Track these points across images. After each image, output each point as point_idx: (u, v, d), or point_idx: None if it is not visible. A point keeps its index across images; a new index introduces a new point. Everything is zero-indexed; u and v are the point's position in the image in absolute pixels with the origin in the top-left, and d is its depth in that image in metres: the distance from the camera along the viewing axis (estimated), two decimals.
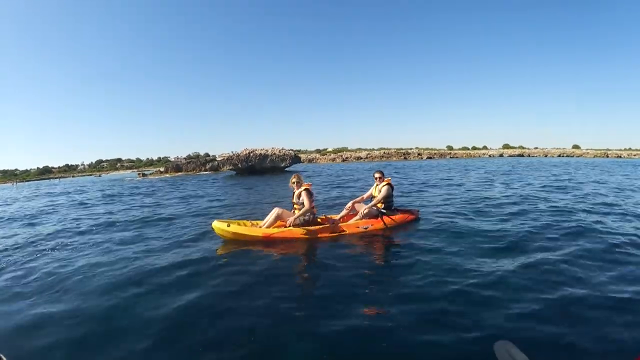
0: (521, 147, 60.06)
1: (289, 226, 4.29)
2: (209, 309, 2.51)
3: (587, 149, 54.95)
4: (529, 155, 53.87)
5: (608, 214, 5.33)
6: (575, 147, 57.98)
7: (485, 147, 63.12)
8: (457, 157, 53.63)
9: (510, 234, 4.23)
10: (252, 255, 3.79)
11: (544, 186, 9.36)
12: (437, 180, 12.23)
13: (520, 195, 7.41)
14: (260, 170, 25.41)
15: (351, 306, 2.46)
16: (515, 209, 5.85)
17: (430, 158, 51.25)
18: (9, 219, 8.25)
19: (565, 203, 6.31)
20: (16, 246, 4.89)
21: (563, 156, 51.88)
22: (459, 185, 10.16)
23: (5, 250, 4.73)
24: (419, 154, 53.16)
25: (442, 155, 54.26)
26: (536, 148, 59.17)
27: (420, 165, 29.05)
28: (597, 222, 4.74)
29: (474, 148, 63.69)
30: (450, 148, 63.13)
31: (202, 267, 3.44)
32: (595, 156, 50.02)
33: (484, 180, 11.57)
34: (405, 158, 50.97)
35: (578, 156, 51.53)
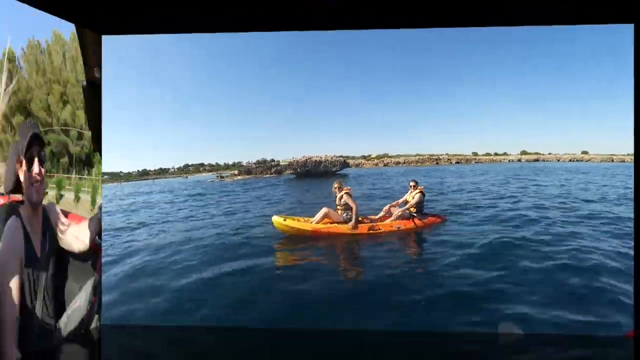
0: (537, 153, 66.75)
1: (352, 228, 5.15)
2: (265, 282, 3.50)
3: (594, 154, 61.05)
4: (544, 160, 60.57)
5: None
6: (584, 152, 63.99)
7: (505, 153, 69.38)
8: (481, 162, 61.39)
9: (521, 236, 4.86)
10: (302, 245, 4.80)
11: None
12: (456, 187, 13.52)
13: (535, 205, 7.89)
14: (316, 175, 29.70)
15: (382, 289, 3.18)
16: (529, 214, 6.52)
17: (459, 163, 59.19)
18: (114, 211, 10.86)
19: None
20: (116, 233, 6.91)
21: (573, 161, 57.89)
22: (480, 191, 11.41)
23: (112, 234, 6.66)
24: (448, 160, 61.58)
25: (468, 161, 61.70)
26: (550, 154, 65.82)
27: (450, 170, 31.64)
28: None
29: (496, 154, 70.16)
30: (475, 154, 70.08)
31: (262, 250, 4.66)
32: (602, 160, 55.24)
33: (500, 185, 13.04)
34: (437, 163, 59.10)
35: (587, 161, 56.80)
